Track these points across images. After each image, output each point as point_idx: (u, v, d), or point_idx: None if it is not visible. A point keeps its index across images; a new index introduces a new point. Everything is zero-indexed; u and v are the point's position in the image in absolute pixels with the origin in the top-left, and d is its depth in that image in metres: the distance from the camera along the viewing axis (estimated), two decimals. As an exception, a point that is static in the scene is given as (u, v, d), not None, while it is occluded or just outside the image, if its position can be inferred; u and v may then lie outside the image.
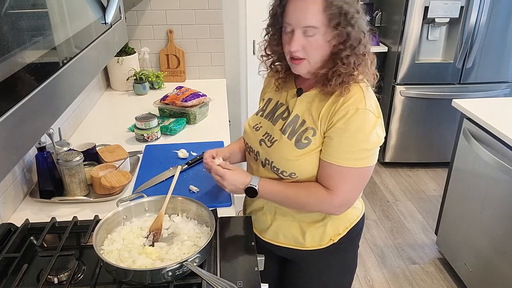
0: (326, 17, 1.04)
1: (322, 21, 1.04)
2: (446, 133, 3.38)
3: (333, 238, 1.25)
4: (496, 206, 1.97)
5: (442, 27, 3.21)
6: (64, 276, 1.04)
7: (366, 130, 1.08)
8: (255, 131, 1.27)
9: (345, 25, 1.05)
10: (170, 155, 1.68)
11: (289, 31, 1.09)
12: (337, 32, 1.06)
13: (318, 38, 1.06)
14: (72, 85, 0.74)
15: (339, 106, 1.08)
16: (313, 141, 1.12)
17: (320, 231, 1.24)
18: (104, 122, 2.06)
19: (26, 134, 0.57)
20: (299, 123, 1.16)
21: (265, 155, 1.21)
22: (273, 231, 1.29)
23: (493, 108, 2.14)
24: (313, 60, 1.10)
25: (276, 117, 1.23)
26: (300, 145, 1.14)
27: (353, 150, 1.09)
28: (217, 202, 1.37)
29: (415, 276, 2.46)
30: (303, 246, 1.27)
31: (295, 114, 1.17)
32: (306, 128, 1.14)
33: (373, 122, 1.08)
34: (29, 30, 0.58)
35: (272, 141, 1.20)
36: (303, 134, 1.14)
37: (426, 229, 2.85)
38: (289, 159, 1.14)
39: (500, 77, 3.29)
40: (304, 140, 1.13)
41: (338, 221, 1.25)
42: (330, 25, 1.05)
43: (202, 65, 2.56)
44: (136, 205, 1.20)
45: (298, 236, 1.26)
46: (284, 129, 1.18)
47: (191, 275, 1.00)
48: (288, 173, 1.16)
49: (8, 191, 1.32)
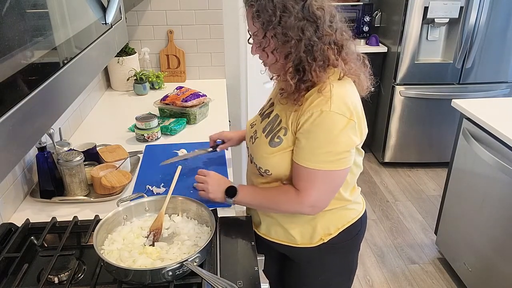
0: (258, 22, 1.07)
1: (258, 27, 1.08)
2: (445, 133, 3.38)
3: (323, 238, 1.25)
4: (496, 206, 1.97)
5: (442, 27, 3.21)
6: (64, 276, 1.05)
7: (333, 132, 1.05)
8: (250, 128, 1.32)
9: (276, 24, 1.03)
10: (170, 155, 1.68)
11: None
12: (274, 33, 1.06)
13: (262, 43, 1.10)
14: (73, 85, 0.74)
15: (306, 107, 1.07)
16: (285, 140, 1.13)
17: (310, 229, 1.25)
18: (105, 122, 2.06)
19: (27, 134, 0.57)
20: (277, 122, 1.18)
21: (250, 151, 1.28)
22: (265, 226, 1.32)
23: (493, 108, 2.14)
24: (269, 62, 1.15)
25: (264, 115, 1.27)
26: (273, 144, 1.16)
27: (320, 152, 1.07)
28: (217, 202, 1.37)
29: (414, 276, 2.46)
30: (295, 242, 1.27)
31: (275, 114, 1.20)
32: (280, 128, 1.16)
33: (343, 124, 1.04)
34: (30, 30, 0.58)
35: (255, 138, 1.25)
36: (277, 133, 1.16)
37: (426, 229, 2.85)
38: (263, 156, 1.18)
39: (500, 77, 3.29)
40: (276, 139, 1.16)
41: (329, 222, 1.24)
42: (264, 29, 1.07)
43: (202, 65, 2.56)
44: (136, 205, 1.20)
45: (285, 232, 1.27)
46: (264, 127, 1.22)
47: (191, 275, 1.00)
48: (264, 170, 1.20)
49: (9, 191, 1.33)
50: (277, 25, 1.03)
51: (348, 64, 1.12)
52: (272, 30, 1.05)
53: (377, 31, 3.54)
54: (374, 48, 3.41)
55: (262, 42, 1.09)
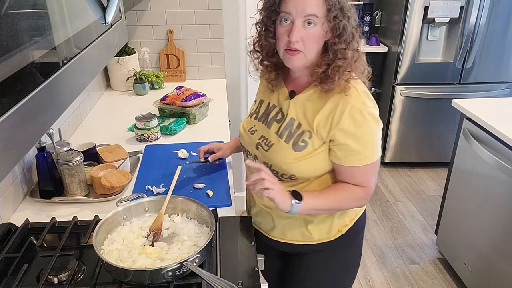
0: (326, 8, 1.05)
1: (323, 12, 1.05)
2: (446, 133, 3.38)
3: (341, 230, 1.27)
4: (496, 206, 1.97)
5: (442, 27, 3.21)
6: (64, 276, 1.04)
7: (374, 127, 1.11)
8: (251, 135, 1.26)
9: (342, 18, 1.05)
10: (170, 155, 1.68)
11: (287, 22, 1.08)
12: (333, 25, 1.06)
13: (317, 29, 1.06)
14: (72, 85, 0.74)
15: (341, 112, 1.09)
16: (310, 143, 1.13)
17: (328, 223, 1.25)
18: (104, 122, 2.06)
19: (26, 134, 0.57)
20: (295, 126, 1.16)
21: (263, 158, 1.21)
22: (280, 229, 1.29)
23: (493, 108, 2.14)
24: (309, 53, 1.09)
25: (270, 120, 1.22)
26: (298, 148, 1.14)
27: (368, 147, 1.12)
28: (217, 202, 1.37)
29: (415, 276, 2.46)
30: (311, 240, 1.27)
31: (291, 117, 1.17)
32: (302, 131, 1.14)
33: (377, 116, 1.12)
34: (29, 30, 0.58)
35: (269, 144, 1.19)
36: (300, 137, 1.14)
37: (426, 229, 2.85)
38: (288, 162, 1.15)
39: (500, 77, 3.29)
40: (301, 143, 1.14)
41: (344, 213, 1.26)
42: (328, 16, 1.05)
43: (202, 65, 2.56)
44: (136, 205, 1.20)
45: (305, 231, 1.26)
46: (280, 132, 1.18)
47: (191, 275, 1.00)
48: (288, 175, 1.17)
49: (8, 191, 1.32)
50: (342, 18, 1.05)
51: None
52: (335, 20, 1.05)
53: (377, 31, 3.54)
54: (375, 48, 3.40)
55: (322, 28, 1.07)
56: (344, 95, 1.09)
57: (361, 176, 1.15)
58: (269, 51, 1.18)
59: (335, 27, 1.06)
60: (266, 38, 1.15)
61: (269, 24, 1.14)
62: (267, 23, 1.14)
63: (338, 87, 1.09)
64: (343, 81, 1.09)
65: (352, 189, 1.16)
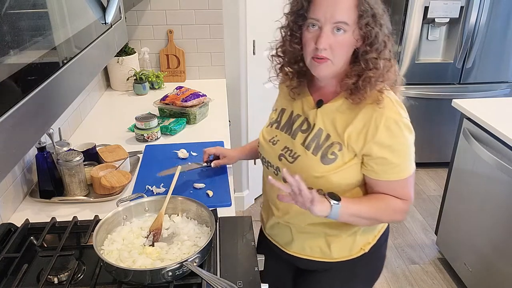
0: (357, 15, 0.99)
1: (353, 19, 0.99)
2: (446, 133, 3.38)
3: (363, 248, 1.21)
4: (496, 206, 1.97)
5: (442, 27, 3.21)
6: (64, 276, 1.04)
7: (409, 137, 1.07)
8: (272, 145, 1.19)
9: (374, 25, 1.00)
10: (170, 155, 1.68)
11: (315, 28, 1.02)
12: (365, 33, 1.00)
13: (347, 36, 1.00)
14: (72, 85, 0.74)
15: (376, 125, 1.03)
16: (340, 156, 1.07)
17: (350, 241, 1.19)
18: (104, 122, 2.06)
19: (26, 134, 0.57)
20: (323, 137, 1.09)
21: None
22: (299, 245, 1.23)
23: (493, 108, 2.14)
24: (337, 61, 1.03)
25: (295, 130, 1.15)
26: (327, 161, 1.07)
27: (406, 159, 1.08)
28: (217, 202, 1.37)
29: (415, 276, 2.46)
30: (330, 258, 1.21)
31: (318, 128, 1.10)
32: (331, 143, 1.08)
33: (410, 125, 1.07)
34: (29, 30, 0.58)
35: (295, 156, 1.13)
36: (329, 149, 1.08)
37: (426, 229, 2.85)
38: (315, 175, 1.08)
39: (500, 77, 3.29)
40: (331, 156, 1.07)
41: (367, 230, 1.20)
42: (359, 23, 1.00)
43: (202, 65, 2.56)
44: (136, 205, 1.20)
45: (325, 248, 1.20)
46: (307, 144, 1.11)
47: (191, 275, 1.00)
48: (315, 190, 1.08)
49: (8, 191, 1.32)
50: (374, 25, 1.00)
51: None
52: (366, 27, 1.00)
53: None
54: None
55: (353, 35, 1.02)
56: (378, 107, 1.03)
57: (401, 189, 1.10)
58: (293, 57, 1.12)
59: (366, 34, 1.01)
60: (291, 43, 1.09)
61: (295, 29, 1.07)
62: (293, 28, 1.08)
63: (370, 97, 1.04)
64: (375, 91, 1.04)
65: (394, 200, 1.10)
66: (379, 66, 1.02)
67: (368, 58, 1.02)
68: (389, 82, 1.06)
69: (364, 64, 1.03)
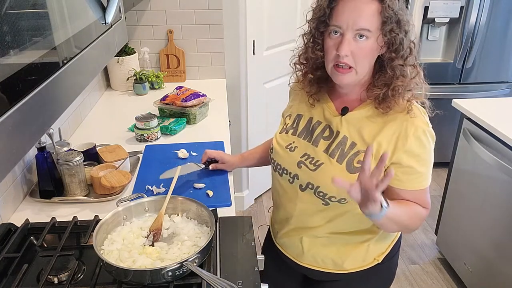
0: (381, 21, 0.97)
1: (377, 25, 0.98)
2: (446, 133, 3.37)
3: (377, 258, 1.20)
4: (496, 206, 1.97)
5: (442, 27, 3.21)
6: (64, 276, 1.04)
7: (432, 146, 1.06)
8: (290, 152, 1.15)
9: (399, 32, 0.98)
10: (170, 155, 1.68)
11: (337, 35, 1.00)
12: (389, 39, 0.99)
13: (369, 43, 0.99)
14: (72, 85, 0.74)
15: (406, 134, 1.02)
16: None
17: (363, 252, 1.18)
18: (104, 122, 2.06)
19: (26, 134, 0.57)
20: (348, 145, 1.07)
21: (308, 179, 1.11)
22: (311, 256, 1.21)
23: (493, 108, 2.14)
24: (360, 69, 1.01)
25: (317, 137, 1.12)
26: (353, 169, 1.05)
27: (429, 169, 1.08)
28: (217, 202, 1.37)
29: (415, 276, 2.46)
30: (342, 269, 1.20)
31: (343, 136, 1.08)
32: (357, 151, 1.06)
33: (434, 135, 1.07)
34: (29, 30, 0.58)
35: (317, 164, 1.10)
36: (355, 157, 1.06)
37: (426, 229, 2.85)
38: None
39: (500, 77, 3.29)
40: (357, 164, 1.05)
41: (380, 239, 1.19)
42: (383, 30, 0.98)
43: (202, 65, 2.56)
44: (136, 205, 1.20)
45: (337, 259, 1.19)
46: (331, 151, 1.08)
47: (191, 275, 1.00)
48: (338, 199, 1.08)
49: (8, 191, 1.32)
50: (399, 31, 0.99)
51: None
52: (391, 34, 0.99)
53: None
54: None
55: (376, 42, 1.00)
56: (408, 117, 1.03)
57: (423, 198, 1.09)
58: (315, 64, 1.10)
59: (390, 41, 0.99)
60: (313, 50, 1.08)
61: (317, 36, 1.06)
62: (315, 35, 1.07)
63: (399, 106, 1.04)
64: (404, 100, 1.04)
65: (419, 208, 1.09)
66: (406, 73, 1.01)
67: (395, 65, 1.01)
68: (416, 89, 1.05)
69: (391, 71, 1.01)
